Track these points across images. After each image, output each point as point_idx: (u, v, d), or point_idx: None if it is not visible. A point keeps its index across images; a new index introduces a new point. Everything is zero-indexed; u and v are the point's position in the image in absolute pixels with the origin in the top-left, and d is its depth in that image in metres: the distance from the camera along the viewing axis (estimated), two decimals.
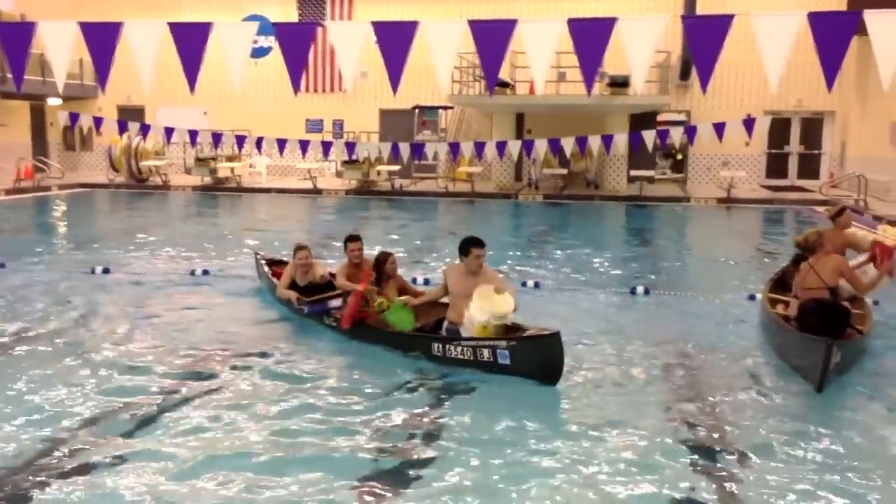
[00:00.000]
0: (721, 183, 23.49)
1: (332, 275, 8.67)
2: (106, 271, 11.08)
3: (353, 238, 8.55)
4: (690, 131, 16.17)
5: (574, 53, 5.33)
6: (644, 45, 4.99)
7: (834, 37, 4.43)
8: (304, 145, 15.09)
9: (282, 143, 14.92)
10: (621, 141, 16.29)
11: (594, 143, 16.09)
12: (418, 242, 14.98)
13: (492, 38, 5.09)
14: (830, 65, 4.42)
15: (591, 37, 4.97)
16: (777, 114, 23.94)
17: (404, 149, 16.59)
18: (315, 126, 27.46)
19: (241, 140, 16.21)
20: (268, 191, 24.38)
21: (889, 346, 7.74)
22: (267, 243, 14.34)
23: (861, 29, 4.54)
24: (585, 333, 8.00)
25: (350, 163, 23.65)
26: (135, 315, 8.79)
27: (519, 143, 17.03)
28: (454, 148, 16.70)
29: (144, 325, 8.38)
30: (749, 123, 15.16)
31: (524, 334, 6.83)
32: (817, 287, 7.26)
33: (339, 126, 27.52)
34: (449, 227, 17.77)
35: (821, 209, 13.58)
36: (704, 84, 4.84)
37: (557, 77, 21.72)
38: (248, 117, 26.43)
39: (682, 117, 24.30)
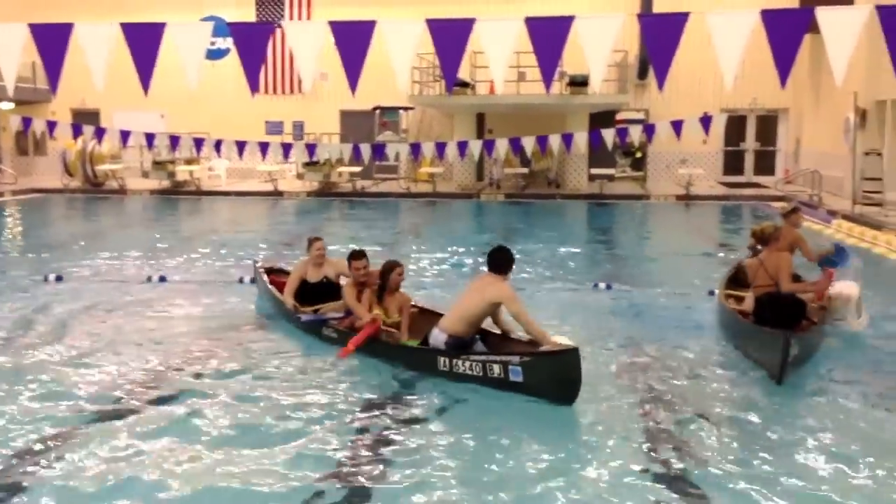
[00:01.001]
0: (679, 180, 23.77)
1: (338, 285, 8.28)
2: (59, 279, 10.85)
3: (356, 255, 7.78)
4: (649, 129, 16.37)
5: (533, 52, 5.36)
6: (601, 43, 5.02)
7: (787, 34, 4.49)
8: (263, 147, 14.97)
9: (241, 146, 14.78)
10: (581, 140, 16.40)
11: (554, 142, 16.21)
12: (381, 244, 14.91)
13: (450, 37, 5.08)
14: (784, 62, 4.49)
15: (548, 35, 4.98)
16: (733, 111, 24.28)
17: (365, 150, 16.55)
18: (275, 128, 27.22)
19: (199, 143, 16.00)
20: (228, 194, 24.12)
21: (846, 335, 7.88)
22: (228, 247, 14.19)
23: (813, 26, 4.62)
24: (548, 329, 8.02)
25: (311, 164, 23.51)
26: (87, 324, 8.59)
27: (480, 142, 17.09)
28: (415, 148, 16.70)
29: (97, 335, 8.19)
30: (706, 121, 15.36)
31: (539, 349, 6.34)
32: (766, 284, 7.41)
33: (299, 128, 27.32)
34: (412, 229, 17.74)
35: (776, 205, 13.80)
36: (661, 82, 4.88)
37: (517, 77, 21.80)
38: (207, 119, 26.11)
39: (640, 116, 24.51)
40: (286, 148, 15.49)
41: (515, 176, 24.19)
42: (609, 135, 16.43)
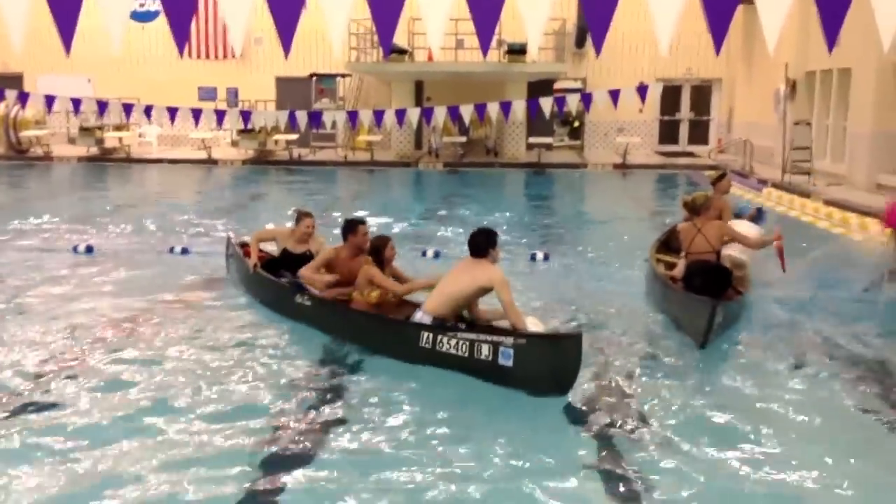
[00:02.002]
0: (616, 149, 24.01)
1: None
2: None
3: (361, 222, 7.35)
4: (586, 98, 16.38)
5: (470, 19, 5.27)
6: (538, 11, 4.97)
7: (721, 2, 4.52)
8: (196, 114, 14.53)
9: (173, 112, 14.29)
10: (519, 108, 16.33)
11: (493, 110, 16.10)
12: (319, 213, 14.71)
13: (385, 1, 4.97)
14: (718, 30, 4.51)
15: (485, 1, 4.91)
16: (669, 81, 24.59)
17: (302, 117, 16.21)
18: (208, 94, 26.53)
19: (128, 108, 15.47)
20: (159, 161, 23.50)
21: (765, 305, 8.07)
22: (160, 216, 13.84)
23: None
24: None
25: (246, 132, 23.02)
26: (6, 294, 8.31)
27: (418, 110, 16.89)
28: (353, 116, 16.42)
29: (18, 306, 7.93)
30: (642, 90, 15.44)
31: (537, 332, 5.83)
32: (705, 251, 7.55)
33: (233, 94, 26.67)
34: (350, 197, 17.56)
35: (708, 174, 14.05)
36: (598, 48, 4.86)
37: (456, 44, 21.64)
38: (137, 85, 25.29)
39: (578, 85, 24.64)
40: (220, 115, 15.03)
41: (454, 144, 24.11)
42: (547, 103, 16.38)
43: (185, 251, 10.55)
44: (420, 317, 6.28)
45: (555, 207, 16.36)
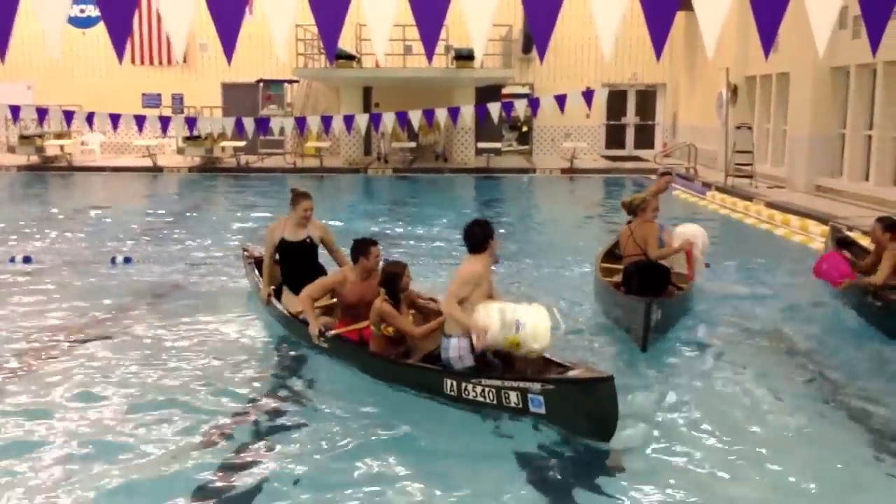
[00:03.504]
0: (564, 154, 24.26)
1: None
2: None
3: (373, 242, 6.57)
4: (534, 103, 16.54)
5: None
6: (482, 16, 4.99)
7: (661, 8, 4.59)
8: (140, 121, 14.29)
9: (115, 119, 14.03)
10: (468, 113, 16.41)
11: (441, 115, 16.14)
12: (268, 220, 14.57)
13: (329, 7, 4.93)
14: (658, 36, 4.58)
15: (429, 7, 4.91)
16: (614, 86, 24.94)
17: (249, 124, 16.08)
18: (152, 101, 26.12)
19: (69, 115, 15.17)
20: (102, 169, 23.01)
21: (712, 303, 8.23)
22: (103, 225, 13.56)
23: (687, 4, 4.74)
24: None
25: (192, 139, 22.72)
26: None
27: (367, 116, 16.85)
28: (301, 123, 16.32)
29: None
30: (588, 95, 15.64)
31: (565, 375, 5.22)
32: (635, 253, 7.62)
33: (178, 100, 26.30)
34: None
35: (654, 177, 14.34)
36: (542, 54, 4.89)
37: (404, 50, 21.66)
38: (79, 92, 24.76)
39: (525, 90, 24.85)
40: (165, 122, 14.83)
41: (403, 150, 24.10)
42: (495, 109, 16.49)
43: (127, 261, 10.34)
44: (457, 344, 5.50)
45: (504, 212, 16.43)
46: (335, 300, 6.86)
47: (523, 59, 25.64)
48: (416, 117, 15.89)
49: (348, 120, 16.13)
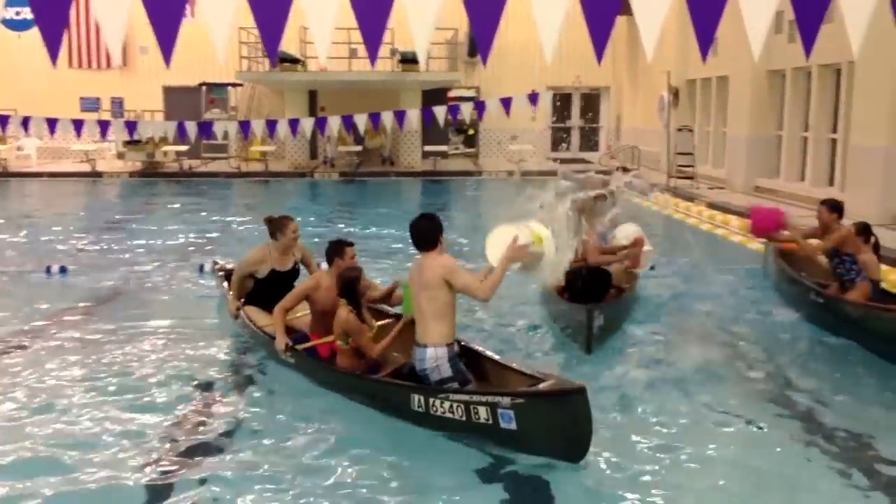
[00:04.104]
0: (510, 156, 24.40)
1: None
2: None
3: (349, 243, 6.37)
4: (480, 107, 16.64)
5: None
6: (426, 20, 4.98)
7: (601, 12, 4.64)
8: (78, 125, 13.97)
9: (52, 123, 13.69)
10: (414, 117, 16.45)
11: (387, 119, 16.14)
12: (210, 227, 14.36)
13: (269, 9, 4.88)
14: (599, 40, 4.63)
15: (372, 10, 4.89)
16: (559, 89, 25.21)
17: (191, 128, 15.84)
18: (91, 104, 25.54)
19: (4, 120, 14.71)
20: (39, 175, 22.43)
21: (654, 304, 8.32)
22: (38, 233, 13.19)
23: (628, 8, 4.81)
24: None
25: (132, 143, 22.23)
26: None
27: (312, 120, 16.74)
28: (245, 126, 16.13)
29: None
30: (534, 98, 15.80)
31: (535, 388, 4.93)
32: (576, 259, 7.60)
33: (118, 104, 25.76)
34: (244, 209, 17.19)
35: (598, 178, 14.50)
36: (484, 57, 4.90)
37: (349, 53, 21.54)
38: (14, 95, 24.07)
39: (471, 93, 24.93)
40: (103, 126, 14.51)
41: (349, 154, 23.99)
42: (441, 112, 16.54)
43: (63, 270, 10.07)
44: (433, 353, 5.25)
45: (451, 215, 16.45)
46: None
47: (469, 63, 25.73)
48: (361, 121, 15.83)
49: (293, 123, 16.01)
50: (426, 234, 5.39)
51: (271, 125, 15.99)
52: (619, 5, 4.70)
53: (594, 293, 7.16)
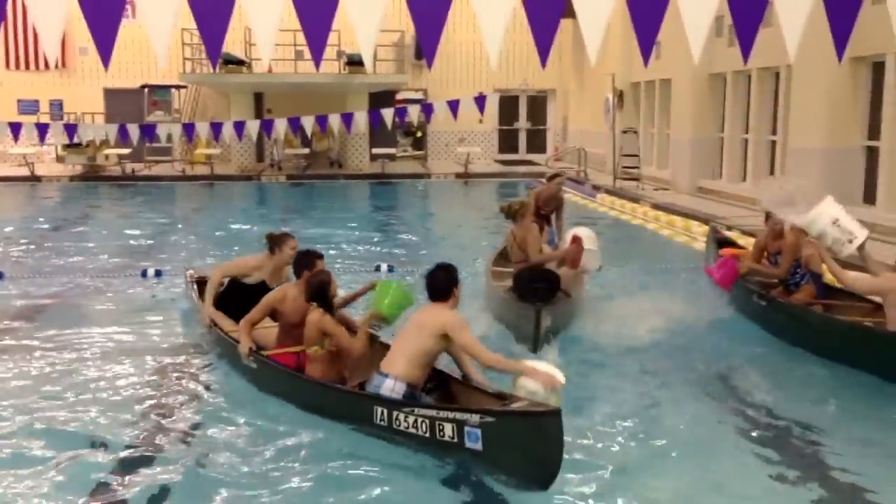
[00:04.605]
0: (458, 158, 24.46)
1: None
2: None
3: (319, 255, 6.14)
4: (427, 109, 16.65)
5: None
6: (370, 22, 4.96)
7: (545, 16, 4.69)
8: (15, 128, 13.63)
9: None
10: (361, 119, 16.38)
11: (335, 121, 16.06)
12: (154, 232, 14.09)
13: (212, 10, 4.81)
14: (543, 43, 4.67)
15: (316, 12, 4.86)
16: (506, 92, 25.36)
17: (134, 130, 15.58)
18: (29, 107, 24.86)
19: None
20: None
21: (601, 304, 8.40)
22: None
23: (571, 12, 4.86)
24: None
25: (72, 146, 21.72)
26: None
27: (258, 122, 16.58)
28: (189, 129, 15.91)
29: None
30: (481, 101, 15.88)
31: (506, 407, 4.65)
32: (523, 259, 7.68)
33: (57, 107, 25.14)
34: (188, 213, 16.92)
35: (543, 181, 14.63)
36: (430, 60, 4.91)
37: (295, 55, 21.37)
38: None
39: (419, 96, 24.94)
40: (42, 128, 14.17)
41: (297, 156, 23.80)
42: (388, 114, 16.53)
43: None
44: (391, 385, 5.03)
45: (399, 218, 16.44)
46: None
47: (416, 65, 25.73)
48: (309, 123, 15.74)
49: (239, 126, 15.85)
50: (441, 284, 5.26)
51: (216, 127, 15.81)
52: (562, 8, 4.75)
53: (542, 293, 7.16)
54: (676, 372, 6.57)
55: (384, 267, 10.27)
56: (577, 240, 7.80)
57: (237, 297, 6.74)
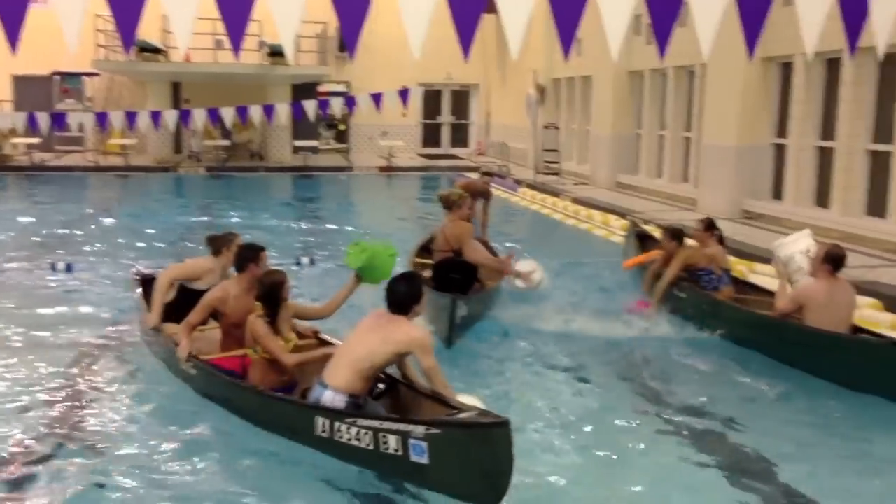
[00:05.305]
0: (381, 152, 24.38)
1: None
2: None
3: (262, 248, 5.86)
4: (350, 102, 16.58)
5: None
6: (292, 12, 4.89)
7: (467, 10, 4.71)
8: None
9: None
10: (283, 111, 16.19)
11: (256, 113, 15.84)
12: (65, 224, 13.60)
13: None
14: (465, 36, 4.69)
15: (235, 2, 4.76)
16: (429, 86, 25.36)
17: (43, 119, 15.05)
18: None
19: None
20: None
21: (518, 297, 8.37)
22: None
23: (494, 7, 4.90)
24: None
25: None
26: None
27: (176, 113, 16.21)
28: (101, 118, 15.46)
29: None
30: (404, 94, 15.88)
31: (453, 418, 4.44)
32: (446, 250, 7.73)
33: None
34: (100, 206, 16.40)
35: (470, 175, 14.68)
36: (352, 52, 4.87)
37: (215, 44, 20.91)
38: None
39: (342, 88, 24.74)
40: None
41: (216, 148, 23.32)
42: (311, 106, 16.37)
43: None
44: (331, 398, 4.74)
45: (322, 211, 16.29)
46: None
47: (340, 58, 25.50)
48: (229, 114, 15.48)
49: (155, 116, 15.47)
50: (400, 299, 4.89)
51: (131, 117, 15.39)
52: (484, 3, 4.78)
53: (459, 285, 7.19)
54: (593, 363, 6.66)
55: (305, 260, 10.17)
56: (509, 260, 7.98)
57: (189, 305, 5.98)
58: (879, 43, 5.27)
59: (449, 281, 7.17)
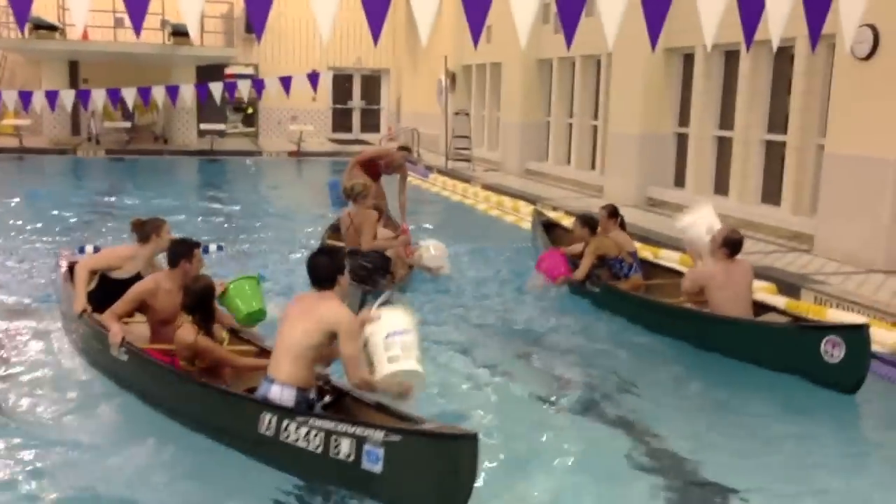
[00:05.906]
0: (291, 136, 24.02)
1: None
2: None
3: (196, 244, 5.65)
4: (258, 85, 16.25)
5: None
6: None
7: None
8: None
9: None
10: (188, 93, 15.74)
11: (159, 94, 15.36)
12: None
13: None
14: (375, 21, 4.67)
15: None
16: (340, 70, 25.10)
17: None
18: None
19: None
20: None
21: (431, 285, 8.42)
22: None
23: None
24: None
25: None
26: None
27: (73, 93, 15.55)
28: None
29: None
30: (314, 78, 15.65)
31: (416, 426, 4.10)
32: (355, 241, 7.70)
33: None
34: None
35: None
36: (259, 33, 4.80)
37: (115, 23, 20.16)
38: None
39: (250, 71, 24.23)
40: None
41: (118, 130, 22.51)
42: (217, 89, 15.96)
43: None
44: (278, 392, 4.43)
45: (229, 196, 15.93)
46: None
47: (247, 39, 24.95)
48: (130, 95, 14.96)
49: (51, 96, 14.83)
50: (323, 273, 4.64)
51: (25, 97, 14.70)
52: None
53: (370, 274, 7.15)
54: (506, 348, 6.73)
55: (213, 247, 9.94)
56: (406, 230, 7.97)
57: (108, 296, 5.76)
58: (774, 36, 5.50)
59: (360, 268, 7.15)
